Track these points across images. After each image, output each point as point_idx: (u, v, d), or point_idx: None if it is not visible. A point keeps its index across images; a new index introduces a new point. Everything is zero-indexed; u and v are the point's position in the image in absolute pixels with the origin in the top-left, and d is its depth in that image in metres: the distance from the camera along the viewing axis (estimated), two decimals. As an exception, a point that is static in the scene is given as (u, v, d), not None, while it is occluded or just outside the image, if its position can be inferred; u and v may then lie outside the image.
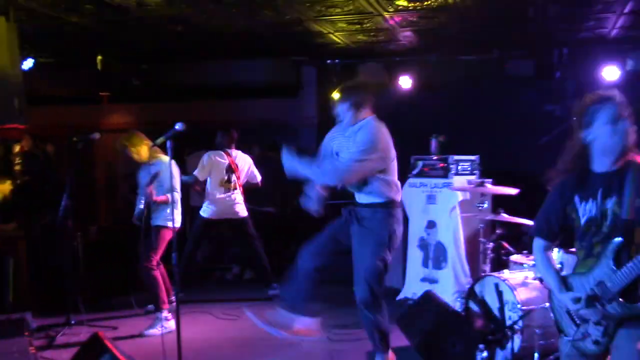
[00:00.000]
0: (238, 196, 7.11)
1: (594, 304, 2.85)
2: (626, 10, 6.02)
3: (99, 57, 8.27)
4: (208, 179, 7.04)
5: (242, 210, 7.15)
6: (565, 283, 3.02)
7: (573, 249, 4.54)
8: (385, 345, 4.73)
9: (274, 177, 7.05)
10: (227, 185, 7.03)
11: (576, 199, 2.99)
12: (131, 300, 6.59)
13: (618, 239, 2.79)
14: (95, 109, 10.10)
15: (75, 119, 9.75)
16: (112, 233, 8.57)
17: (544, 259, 3.20)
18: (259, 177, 7.36)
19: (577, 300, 2.91)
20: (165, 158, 5.97)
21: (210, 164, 7.00)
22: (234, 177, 7.06)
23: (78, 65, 8.59)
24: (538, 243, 3.21)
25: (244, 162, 7.21)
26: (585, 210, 2.95)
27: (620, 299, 2.77)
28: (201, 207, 7.14)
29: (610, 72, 7.12)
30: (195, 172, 6.95)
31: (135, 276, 6.60)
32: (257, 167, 7.35)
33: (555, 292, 3.10)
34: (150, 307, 6.36)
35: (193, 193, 8.02)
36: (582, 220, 2.97)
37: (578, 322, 2.97)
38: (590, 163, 2.99)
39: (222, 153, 7.10)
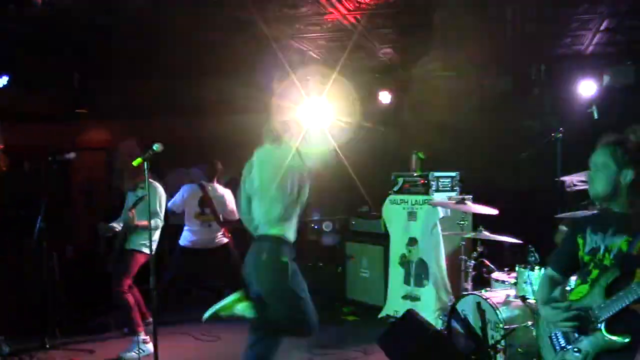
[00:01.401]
0: (215, 228, 7.04)
1: (580, 326, 2.86)
2: (602, 27, 6.09)
3: (76, 74, 8.17)
4: (185, 210, 7.00)
5: (220, 239, 7.08)
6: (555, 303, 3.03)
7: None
8: None
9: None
10: (202, 217, 6.98)
11: (588, 230, 3.03)
12: (109, 321, 6.49)
13: (616, 272, 2.80)
14: (71, 127, 9.97)
15: (52, 137, 9.61)
16: (89, 252, 8.43)
17: (544, 282, 3.20)
18: (237, 216, 7.27)
19: (565, 309, 2.92)
20: (155, 183, 5.96)
21: (184, 198, 7.00)
22: (207, 210, 7.00)
23: (54, 82, 8.48)
24: (548, 271, 3.22)
25: (221, 196, 7.13)
26: (592, 240, 2.99)
27: (603, 329, 2.77)
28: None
29: (587, 88, 7.18)
30: (169, 204, 6.88)
31: (113, 297, 6.49)
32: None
33: (540, 309, 3.11)
34: (127, 330, 6.27)
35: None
36: (586, 249, 3.00)
37: (557, 348, 2.97)
38: (613, 202, 3.00)
39: (197, 186, 7.05)
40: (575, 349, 2.86)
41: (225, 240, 7.11)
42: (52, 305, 6.30)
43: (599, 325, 2.79)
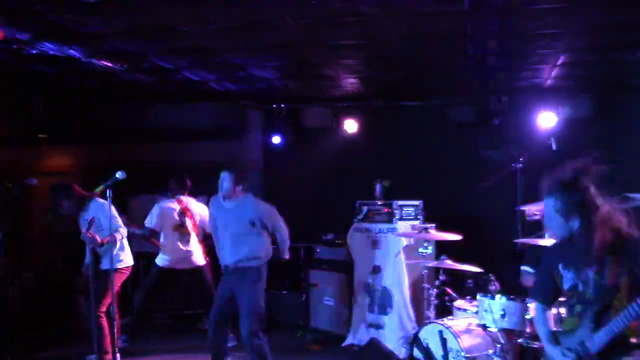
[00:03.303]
0: (194, 244, 6.96)
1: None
2: (559, 62, 6.28)
3: (38, 98, 8.07)
4: (162, 225, 6.89)
5: (198, 259, 7.00)
6: (555, 339, 3.22)
7: (513, 296, 4.67)
8: None
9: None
10: (181, 229, 6.87)
11: (560, 265, 3.22)
12: (70, 348, 6.34)
13: (598, 305, 2.99)
14: (32, 151, 9.80)
15: (11, 161, 9.43)
16: (48, 281, 8.24)
17: (539, 318, 3.41)
18: None
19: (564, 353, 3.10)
20: (100, 200, 5.84)
21: (162, 213, 6.84)
22: (188, 221, 6.92)
23: (15, 105, 8.35)
24: (537, 305, 3.44)
25: (198, 209, 7.07)
26: (568, 278, 3.17)
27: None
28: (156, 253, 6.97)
29: (547, 119, 7.37)
30: (147, 223, 6.78)
31: (75, 325, 6.37)
32: None
33: (545, 345, 3.30)
34: (91, 357, 6.10)
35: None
36: (565, 286, 3.19)
37: None
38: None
39: (173, 200, 6.98)
40: None
41: (203, 262, 7.01)
42: (9, 334, 6.13)
43: (596, 358, 2.98)
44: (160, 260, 6.88)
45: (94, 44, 5.66)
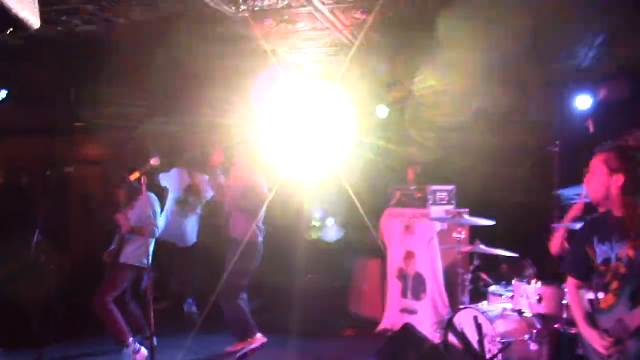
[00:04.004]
0: (192, 222, 7.06)
1: (616, 342, 3.02)
2: (597, 42, 6.13)
3: (72, 89, 8.18)
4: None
5: (191, 237, 7.08)
6: (591, 319, 3.20)
7: (551, 282, 4.61)
8: None
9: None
10: (182, 205, 6.96)
11: (595, 239, 3.20)
12: (107, 334, 6.46)
13: (634, 281, 2.97)
14: (68, 140, 9.97)
15: (49, 151, 9.60)
16: (86, 266, 8.40)
17: (573, 297, 3.39)
18: None
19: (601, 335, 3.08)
20: (150, 194, 5.95)
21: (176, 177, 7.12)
22: (192, 200, 6.97)
23: (51, 96, 8.49)
24: (571, 281, 3.42)
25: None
26: (601, 251, 3.16)
27: (637, 337, 2.93)
28: None
29: (583, 102, 7.22)
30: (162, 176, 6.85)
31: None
32: None
33: (581, 328, 3.27)
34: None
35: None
36: (599, 260, 3.17)
37: (602, 356, 3.10)
38: (613, 206, 3.17)
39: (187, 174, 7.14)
40: (616, 358, 3.03)
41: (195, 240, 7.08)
42: (50, 319, 6.27)
43: (635, 335, 2.94)
44: None
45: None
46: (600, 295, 3.20)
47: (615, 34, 5.92)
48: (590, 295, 3.37)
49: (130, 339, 5.88)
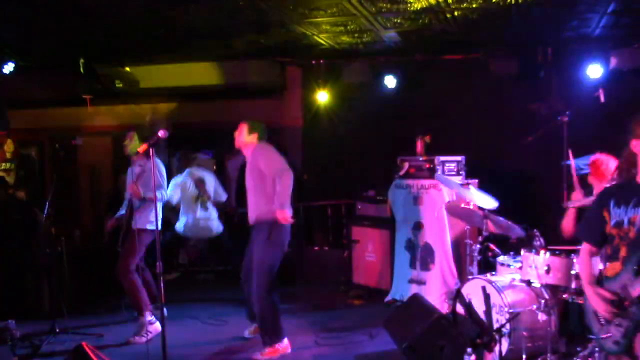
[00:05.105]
0: (211, 211, 7.14)
1: (619, 306, 3.05)
2: (609, 10, 6.03)
3: (82, 60, 8.16)
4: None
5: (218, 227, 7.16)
6: (598, 283, 3.23)
7: (557, 250, 4.61)
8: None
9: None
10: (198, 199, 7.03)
11: (612, 203, 3.20)
12: (118, 304, 6.55)
13: None
14: (78, 112, 9.99)
15: (58, 122, 9.64)
16: (96, 237, 8.49)
17: (584, 261, 3.40)
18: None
19: (605, 299, 3.10)
20: (156, 159, 5.93)
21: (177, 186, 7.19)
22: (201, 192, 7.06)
23: (60, 67, 8.48)
24: (584, 246, 3.43)
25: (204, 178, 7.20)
26: (616, 214, 3.17)
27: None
28: None
29: (594, 71, 7.14)
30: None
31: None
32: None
33: (585, 289, 3.30)
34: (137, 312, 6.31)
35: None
36: (612, 223, 3.18)
37: (602, 322, 3.13)
38: (636, 173, 3.18)
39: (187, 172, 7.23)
40: (617, 323, 3.06)
41: (220, 228, 7.17)
42: (61, 290, 6.35)
43: (635, 302, 2.97)
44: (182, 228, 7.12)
45: None
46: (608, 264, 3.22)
47: (627, 2, 5.82)
48: (600, 266, 3.38)
49: (148, 311, 5.97)
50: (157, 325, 5.87)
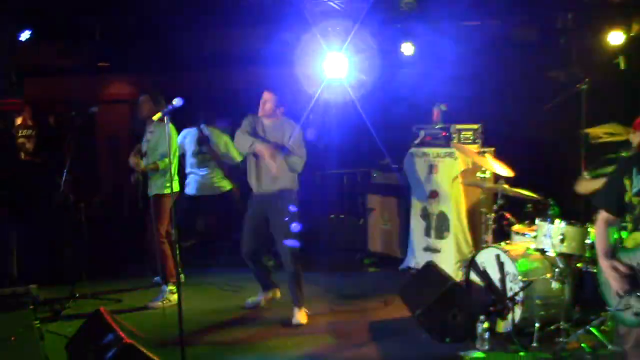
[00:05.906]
0: (214, 169, 7.09)
1: (632, 282, 2.95)
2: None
3: (98, 27, 8.15)
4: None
5: (222, 185, 7.14)
6: (613, 254, 3.12)
7: (573, 221, 4.58)
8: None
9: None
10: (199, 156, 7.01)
11: (635, 170, 3.06)
12: (138, 270, 6.64)
13: None
14: (95, 80, 10.02)
15: (75, 90, 9.66)
16: (115, 205, 8.58)
17: (601, 231, 3.24)
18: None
19: (621, 274, 3.01)
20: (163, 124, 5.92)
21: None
22: (205, 149, 6.99)
23: (77, 35, 8.48)
24: (602, 214, 3.27)
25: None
26: (638, 182, 3.03)
27: None
28: None
29: (615, 38, 7.00)
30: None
31: (141, 247, 6.66)
32: None
33: (600, 260, 3.17)
34: (157, 279, 6.40)
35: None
36: (633, 191, 3.04)
37: (621, 293, 3.02)
38: None
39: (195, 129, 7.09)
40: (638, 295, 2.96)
41: (228, 187, 7.11)
42: (81, 256, 6.45)
43: None
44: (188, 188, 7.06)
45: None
46: (625, 234, 3.15)
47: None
48: (616, 235, 3.31)
49: (174, 280, 5.98)
50: (176, 297, 5.94)
